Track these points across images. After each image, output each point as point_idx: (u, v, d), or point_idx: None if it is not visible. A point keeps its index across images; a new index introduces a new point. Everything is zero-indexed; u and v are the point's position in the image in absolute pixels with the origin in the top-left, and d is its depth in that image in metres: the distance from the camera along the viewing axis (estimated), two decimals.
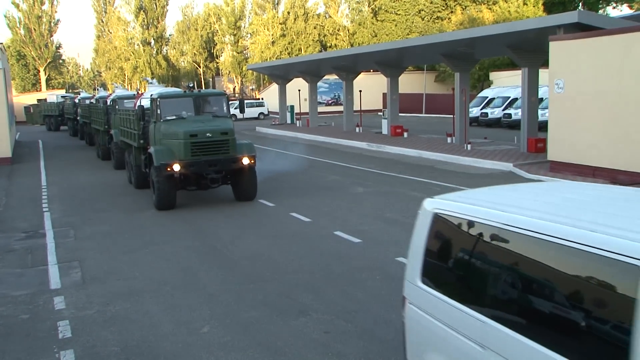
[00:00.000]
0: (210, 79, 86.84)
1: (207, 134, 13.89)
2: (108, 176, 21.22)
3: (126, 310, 7.76)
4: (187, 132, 13.82)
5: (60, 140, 38.48)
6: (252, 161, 14.31)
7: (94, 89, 62.86)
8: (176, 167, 13.73)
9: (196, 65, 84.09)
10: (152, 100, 15.43)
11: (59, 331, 7.13)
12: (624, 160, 15.26)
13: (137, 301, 8.08)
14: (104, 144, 25.24)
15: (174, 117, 14.67)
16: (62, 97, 49.05)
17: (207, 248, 10.73)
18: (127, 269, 9.62)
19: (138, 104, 17.75)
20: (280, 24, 72.13)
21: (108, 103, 24.06)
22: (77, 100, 38.90)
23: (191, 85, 16.61)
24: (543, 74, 21.85)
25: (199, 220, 13.21)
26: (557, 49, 17.02)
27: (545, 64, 19.14)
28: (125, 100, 22.60)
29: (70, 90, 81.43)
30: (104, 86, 69.57)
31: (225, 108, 15.57)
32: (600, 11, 54.17)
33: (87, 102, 33.60)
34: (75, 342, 6.79)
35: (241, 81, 78.52)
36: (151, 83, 23.58)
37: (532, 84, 21.61)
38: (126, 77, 78.65)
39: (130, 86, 74.12)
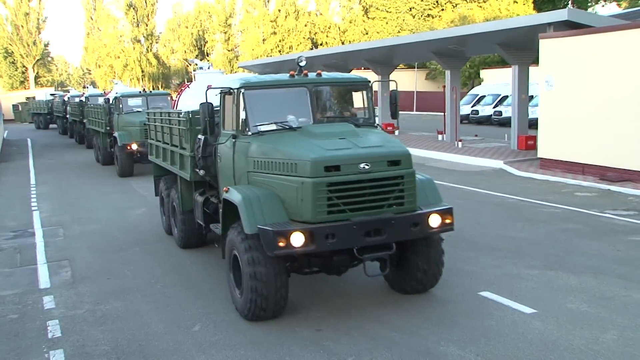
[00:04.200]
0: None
1: (362, 165, 6.50)
2: (110, 185, 21.08)
3: (117, 309, 7.71)
4: (318, 162, 6.44)
5: (50, 138, 38.22)
6: (449, 220, 6.95)
7: (84, 87, 62.53)
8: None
9: (187, 62, 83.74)
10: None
11: (49, 331, 7.07)
12: (612, 157, 15.35)
13: (128, 300, 8.03)
14: (104, 147, 22.91)
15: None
16: (51, 95, 48.73)
17: (198, 247, 10.67)
18: (117, 268, 9.57)
19: (184, 103, 13.57)
20: (271, 21, 72.00)
21: (110, 102, 22.56)
22: (66, 99, 38.68)
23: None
24: (533, 71, 21.95)
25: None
26: (547, 46, 17.08)
27: (535, 61, 19.21)
28: (130, 99, 21.05)
29: (60, 88, 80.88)
30: (93, 84, 69.17)
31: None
32: (590, 9, 54.44)
33: (77, 100, 33.42)
34: (65, 341, 6.73)
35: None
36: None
37: (522, 82, 21.68)
38: (116, 75, 78.22)
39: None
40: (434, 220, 6.81)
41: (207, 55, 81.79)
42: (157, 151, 11.88)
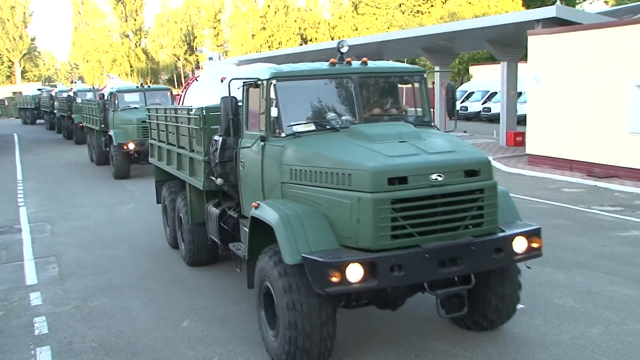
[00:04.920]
0: (190, 72, 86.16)
1: (434, 176, 5.20)
2: (97, 181, 20.93)
3: (104, 305, 7.67)
4: (381, 173, 5.11)
5: (37, 133, 37.91)
6: (537, 244, 5.68)
7: (71, 82, 62.00)
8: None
9: (176, 58, 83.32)
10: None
11: (35, 327, 7.02)
12: (599, 153, 15.46)
13: (116, 296, 7.99)
14: (99, 146, 21.46)
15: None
16: (38, 90, 48.32)
17: None
18: (105, 264, 9.51)
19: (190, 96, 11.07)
20: (261, 17, 71.80)
21: (105, 97, 20.94)
22: (53, 94, 38.36)
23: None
24: (522, 68, 22.05)
25: None
26: (535, 43, 17.16)
27: (524, 58, 19.29)
28: (126, 95, 19.58)
29: (47, 83, 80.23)
30: (81, 79, 68.66)
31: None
32: (578, 6, 54.72)
33: (65, 95, 33.10)
34: (52, 338, 6.69)
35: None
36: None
37: (511, 78, 21.77)
38: (104, 70, 77.68)
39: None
40: (520, 245, 5.48)
41: (196, 51, 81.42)
42: (160, 153, 10.59)
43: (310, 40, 70.01)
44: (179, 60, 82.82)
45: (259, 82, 6.29)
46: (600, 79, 15.18)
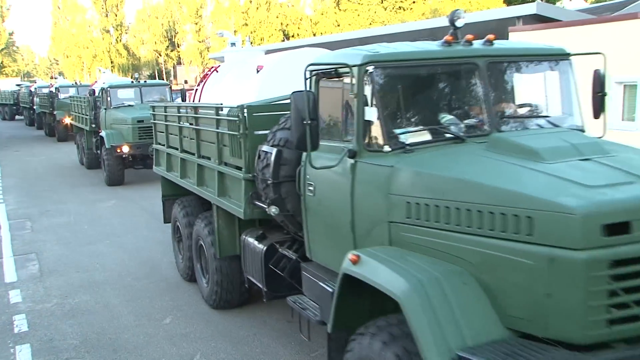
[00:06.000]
0: (172, 68, 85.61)
1: None
2: (78, 177, 20.70)
3: (86, 302, 7.61)
4: (594, 216, 3.15)
5: (16, 130, 37.40)
6: None
7: (51, 77, 61.11)
8: None
9: (157, 53, 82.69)
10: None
11: (15, 325, 6.95)
12: None
13: (97, 293, 7.94)
14: (89, 148, 19.23)
15: None
16: (17, 85, 47.69)
17: (167, 239, 10.57)
18: (86, 261, 9.44)
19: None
20: (242, 12, 71.49)
21: (96, 94, 18.71)
22: (33, 89, 37.85)
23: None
24: None
25: (159, 210, 12.99)
26: (516, 39, 17.29)
27: None
28: (120, 91, 17.31)
29: (26, 79, 79.22)
30: (61, 74, 67.88)
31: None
32: (558, 3, 55.29)
33: (46, 90, 32.52)
34: (32, 336, 6.63)
35: (203, 70, 77.66)
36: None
37: None
38: (85, 66, 76.87)
39: (90, 75, 72.55)
40: None
41: (178, 46, 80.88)
42: (169, 162, 8.70)
43: (292, 36, 69.90)
44: (160, 56, 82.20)
45: (346, 70, 4.29)
46: (580, 75, 15.34)
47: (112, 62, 73.24)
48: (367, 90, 4.15)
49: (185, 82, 19.11)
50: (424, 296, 3.25)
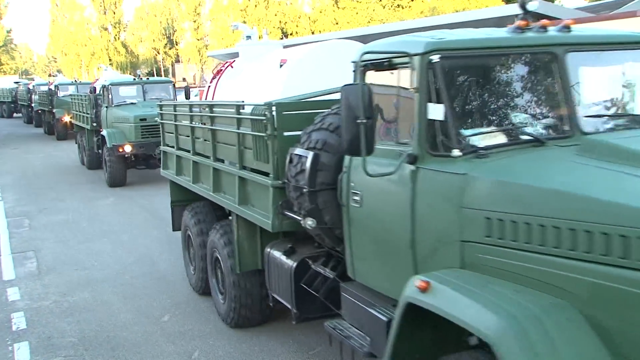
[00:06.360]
0: (170, 66, 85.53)
1: None
2: (77, 175, 20.68)
3: (84, 300, 7.61)
4: None
5: (14, 127, 37.35)
6: None
7: (50, 75, 60.99)
8: None
9: (155, 51, 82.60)
10: None
11: (13, 323, 6.94)
12: None
13: (96, 291, 7.93)
14: (90, 148, 18.63)
15: None
16: (15, 83, 47.62)
17: (166, 236, 10.58)
18: (85, 259, 9.43)
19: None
20: (241, 10, 71.42)
21: (97, 91, 18.33)
22: (31, 87, 37.79)
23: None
24: None
25: (158, 208, 13.01)
26: None
27: None
28: (122, 88, 16.83)
29: (24, 76, 79.09)
30: (60, 72, 67.80)
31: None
32: (556, 1, 55.31)
33: (44, 88, 32.34)
34: (30, 333, 6.63)
35: (202, 68, 77.59)
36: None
37: None
38: (83, 64, 76.78)
39: (88, 73, 72.47)
40: None
41: (177, 44, 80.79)
42: (179, 165, 8.01)
43: (291, 34, 69.86)
44: (159, 53, 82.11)
45: (401, 61, 3.69)
46: None
47: (110, 59, 73.15)
48: (431, 83, 3.53)
49: (184, 79, 18.29)
50: (522, 337, 2.67)
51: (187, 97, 14.78)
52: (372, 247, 4.11)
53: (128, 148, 15.15)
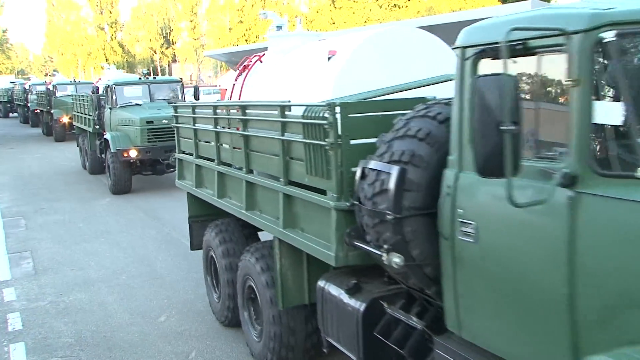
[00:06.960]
0: (167, 65, 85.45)
1: None
2: (74, 175, 20.62)
3: (80, 300, 7.59)
4: None
5: (10, 127, 37.27)
6: None
7: (46, 75, 60.82)
8: None
9: (152, 51, 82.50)
10: None
11: (9, 324, 6.93)
12: None
13: (92, 291, 7.92)
14: (93, 152, 17.45)
15: None
16: (11, 82, 47.56)
17: (163, 237, 10.57)
18: (81, 259, 9.41)
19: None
20: (238, 10, 71.41)
21: (100, 92, 17.26)
22: (27, 87, 37.69)
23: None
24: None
25: (155, 208, 13.00)
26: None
27: None
28: (127, 88, 15.64)
29: (20, 76, 78.92)
30: (56, 71, 67.63)
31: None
32: (552, 2, 55.42)
33: (42, 88, 31.97)
34: (26, 334, 6.61)
35: (198, 68, 77.54)
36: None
37: None
38: (79, 63, 76.64)
39: (85, 73, 72.33)
40: None
41: (173, 44, 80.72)
42: (199, 176, 6.83)
43: None
44: (156, 53, 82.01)
45: (546, 43, 2.68)
46: None
47: (107, 59, 72.99)
48: (600, 72, 2.56)
49: (180, 79, 17.50)
50: None
51: (197, 97, 14.06)
52: (492, 296, 3.00)
53: (133, 153, 14.02)
